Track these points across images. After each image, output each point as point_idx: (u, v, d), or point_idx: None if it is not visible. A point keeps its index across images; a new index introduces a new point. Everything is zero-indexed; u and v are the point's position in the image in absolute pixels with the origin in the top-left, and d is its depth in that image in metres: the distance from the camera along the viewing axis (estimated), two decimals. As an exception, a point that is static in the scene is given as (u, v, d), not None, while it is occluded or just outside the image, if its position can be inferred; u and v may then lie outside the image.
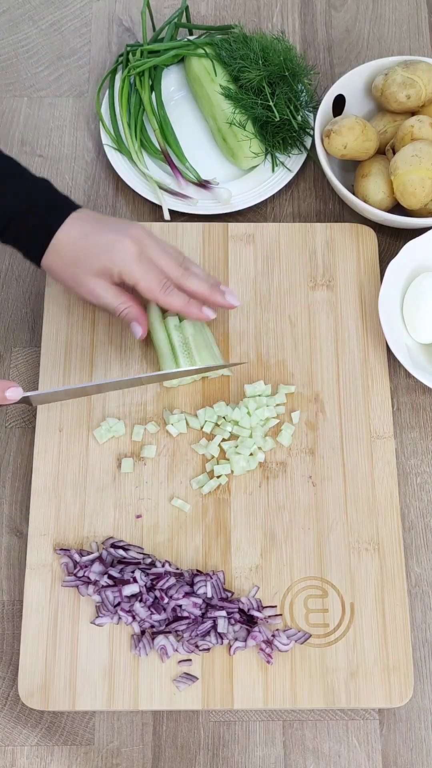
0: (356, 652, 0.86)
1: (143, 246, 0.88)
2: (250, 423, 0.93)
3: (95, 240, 0.88)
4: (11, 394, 0.81)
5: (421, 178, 0.96)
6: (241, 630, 0.86)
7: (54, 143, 1.13)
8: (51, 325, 0.99)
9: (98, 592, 0.86)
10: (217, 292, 0.92)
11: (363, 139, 1.00)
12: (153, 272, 0.88)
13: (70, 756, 0.86)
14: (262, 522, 0.91)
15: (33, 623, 0.87)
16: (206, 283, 0.92)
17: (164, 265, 0.89)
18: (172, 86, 1.15)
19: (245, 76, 1.07)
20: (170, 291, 0.89)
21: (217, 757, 0.86)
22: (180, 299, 0.90)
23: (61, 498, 0.91)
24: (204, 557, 0.89)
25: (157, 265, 0.89)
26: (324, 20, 1.21)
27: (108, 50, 1.19)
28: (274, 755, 0.86)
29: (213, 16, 1.21)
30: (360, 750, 0.86)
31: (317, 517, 0.91)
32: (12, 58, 1.19)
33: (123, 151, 1.09)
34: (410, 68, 1.02)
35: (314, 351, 0.98)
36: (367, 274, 1.01)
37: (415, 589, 0.91)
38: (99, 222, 0.90)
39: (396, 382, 0.99)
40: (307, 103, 1.09)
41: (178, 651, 0.85)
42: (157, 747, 0.86)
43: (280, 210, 1.09)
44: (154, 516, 0.91)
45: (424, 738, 0.86)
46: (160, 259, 0.89)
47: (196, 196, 1.07)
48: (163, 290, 0.89)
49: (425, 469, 0.96)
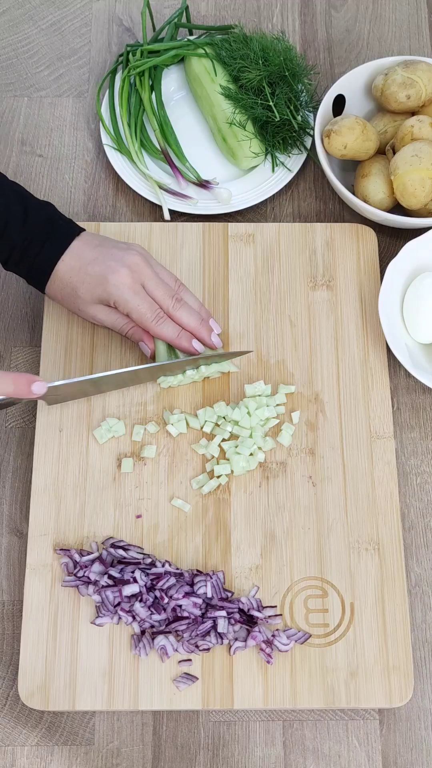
0: (356, 652, 0.86)
1: (139, 275, 0.91)
2: (250, 423, 0.93)
3: (91, 271, 0.91)
4: (37, 388, 0.81)
5: (421, 178, 0.96)
6: (241, 630, 0.86)
7: (54, 143, 1.13)
8: (51, 325, 0.99)
9: (98, 592, 0.86)
10: (205, 328, 0.94)
11: (363, 139, 1.00)
12: (146, 303, 0.91)
13: (70, 756, 0.86)
14: (262, 522, 0.91)
15: (33, 623, 0.87)
16: (196, 316, 0.94)
17: (158, 296, 0.92)
18: (172, 86, 1.15)
19: (245, 76, 1.07)
20: (161, 322, 0.91)
21: (217, 757, 0.86)
22: (171, 331, 0.92)
23: (61, 498, 0.91)
24: (204, 557, 0.89)
25: (151, 295, 0.92)
26: (324, 20, 1.21)
27: (108, 50, 1.19)
28: (274, 755, 0.86)
29: (213, 16, 1.21)
30: (360, 750, 0.86)
31: (317, 517, 0.91)
32: (12, 58, 1.19)
33: (123, 151, 1.09)
34: (410, 68, 1.02)
35: (314, 351, 0.98)
36: (367, 274, 1.01)
37: (415, 589, 0.91)
38: (98, 248, 0.92)
39: (396, 382, 0.99)
40: (307, 103, 1.09)
41: (178, 651, 0.85)
42: (157, 747, 0.86)
43: (280, 210, 1.09)
44: (154, 516, 0.91)
45: (424, 738, 0.86)
46: (154, 290, 0.92)
47: (196, 196, 1.07)
48: (155, 321, 0.91)
49: (425, 469, 0.96)
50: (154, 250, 1.02)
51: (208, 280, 1.01)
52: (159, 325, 0.91)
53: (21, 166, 1.12)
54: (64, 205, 1.09)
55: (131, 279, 0.90)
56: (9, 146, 1.13)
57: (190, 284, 1.01)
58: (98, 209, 1.09)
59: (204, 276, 1.01)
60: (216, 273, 1.01)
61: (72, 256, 0.92)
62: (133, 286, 0.91)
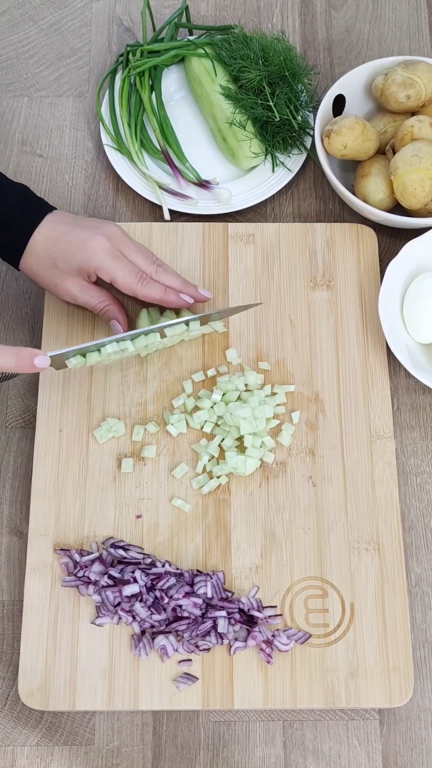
0: (356, 652, 0.86)
1: (117, 243, 0.91)
2: (256, 426, 0.92)
3: (69, 239, 0.90)
4: (39, 362, 0.81)
5: (421, 178, 0.96)
6: (241, 630, 0.86)
7: (54, 143, 1.13)
8: (51, 325, 0.99)
9: (98, 592, 0.86)
10: (190, 285, 0.95)
11: (363, 139, 1.00)
12: (128, 267, 0.91)
13: (70, 756, 0.86)
14: (262, 522, 0.91)
15: (33, 623, 0.87)
16: (180, 278, 0.94)
17: (138, 261, 0.92)
18: (172, 86, 1.15)
19: (245, 76, 1.07)
20: (147, 282, 0.91)
21: (217, 757, 0.86)
22: (158, 289, 0.92)
23: (61, 498, 0.91)
24: (204, 557, 0.89)
25: (132, 261, 0.92)
26: (324, 20, 1.21)
27: (108, 50, 1.19)
28: (274, 755, 0.86)
29: (213, 16, 1.21)
30: (360, 750, 0.86)
31: (317, 517, 0.91)
32: (12, 58, 1.19)
33: (123, 151, 1.09)
34: (410, 68, 1.02)
35: (314, 351, 0.98)
36: (367, 274, 1.01)
37: (415, 589, 0.91)
38: (73, 222, 0.92)
39: (396, 382, 0.99)
40: (307, 103, 1.09)
41: (178, 651, 0.85)
42: (157, 747, 0.86)
43: (280, 210, 1.09)
44: (154, 516, 0.91)
45: (424, 738, 0.86)
46: (133, 256, 0.92)
47: (196, 196, 1.07)
48: (140, 282, 0.91)
49: (425, 469, 0.96)
50: (154, 250, 1.02)
51: (208, 280, 1.01)
52: (144, 286, 0.91)
53: (21, 166, 1.12)
54: (64, 205, 1.09)
55: (110, 245, 0.90)
56: (9, 146, 1.13)
57: (190, 284, 1.01)
58: (98, 209, 1.09)
59: (204, 276, 1.01)
60: (216, 273, 1.01)
61: (48, 228, 0.91)
62: (113, 251, 0.90)
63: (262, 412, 0.92)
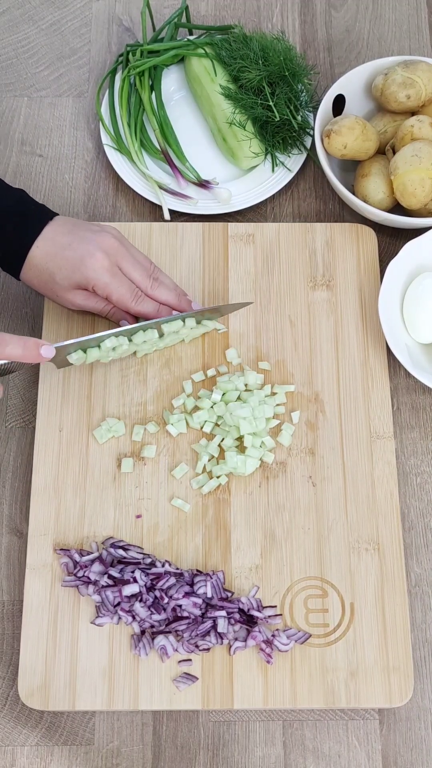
0: (356, 652, 0.86)
1: (115, 257, 0.91)
2: (256, 426, 0.92)
3: (67, 255, 0.90)
4: (45, 351, 0.82)
5: (421, 178, 0.96)
6: (241, 630, 0.86)
7: (54, 143, 1.13)
8: (51, 325, 0.99)
9: (98, 592, 0.86)
10: (185, 301, 0.95)
11: (363, 139, 1.00)
12: (125, 285, 0.91)
13: (70, 756, 0.86)
14: (262, 522, 0.91)
15: (33, 623, 0.87)
16: (174, 293, 0.95)
17: (135, 276, 0.93)
18: (172, 86, 1.15)
19: (245, 76, 1.07)
20: (141, 300, 0.92)
21: (217, 757, 0.86)
22: (151, 306, 0.93)
23: (61, 498, 0.91)
24: (204, 557, 0.89)
25: (129, 276, 0.92)
26: (324, 20, 1.21)
27: (108, 50, 1.19)
28: (274, 755, 0.86)
29: (213, 16, 1.21)
30: (360, 750, 0.86)
31: (317, 517, 0.91)
32: (12, 58, 1.19)
33: (123, 151, 1.09)
34: (410, 68, 1.02)
35: (314, 351, 0.98)
36: (367, 274, 1.01)
37: (415, 589, 0.91)
38: (71, 233, 0.92)
39: (396, 382, 0.99)
40: (307, 103, 1.09)
41: (178, 651, 0.85)
42: (157, 747, 0.86)
43: (280, 210, 1.09)
44: (154, 516, 0.91)
45: (424, 738, 0.86)
46: (131, 271, 0.92)
47: (196, 196, 1.07)
48: (134, 300, 0.92)
49: (425, 469, 0.96)
50: (154, 250, 1.02)
51: (208, 280, 1.01)
52: (139, 304, 0.92)
53: (21, 166, 1.12)
54: (64, 204, 1.09)
55: (108, 262, 0.90)
56: (9, 146, 1.13)
57: (190, 284, 1.01)
58: (98, 209, 1.09)
59: (204, 276, 1.01)
60: (216, 273, 1.01)
61: (46, 242, 0.91)
62: (111, 268, 0.91)
63: (262, 412, 0.92)
